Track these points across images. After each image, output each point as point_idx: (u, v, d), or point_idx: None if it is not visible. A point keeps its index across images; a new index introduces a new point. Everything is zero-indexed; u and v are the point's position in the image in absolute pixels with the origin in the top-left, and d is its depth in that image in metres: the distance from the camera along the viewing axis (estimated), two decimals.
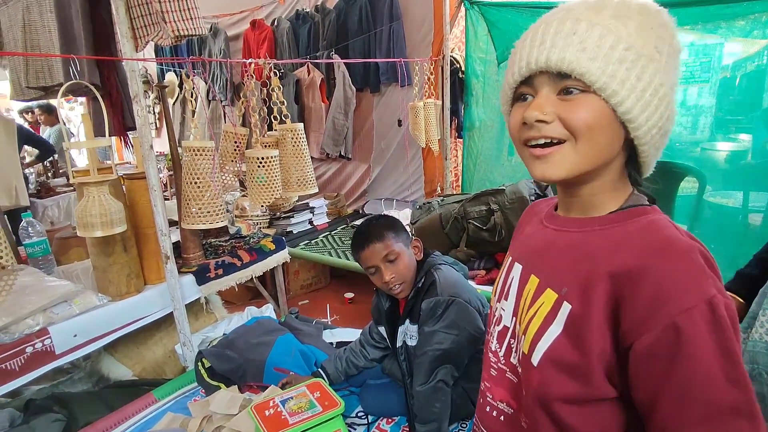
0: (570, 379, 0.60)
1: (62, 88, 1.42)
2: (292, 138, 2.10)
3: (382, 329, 1.59)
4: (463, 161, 3.72)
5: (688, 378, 0.54)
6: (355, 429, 1.53)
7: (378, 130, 4.07)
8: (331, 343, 1.98)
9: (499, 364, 0.73)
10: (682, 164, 2.50)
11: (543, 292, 0.65)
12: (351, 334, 2.04)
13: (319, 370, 1.63)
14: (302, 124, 2.09)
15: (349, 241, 3.38)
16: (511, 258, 0.77)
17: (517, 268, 0.73)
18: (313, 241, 3.43)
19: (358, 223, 3.69)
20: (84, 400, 1.77)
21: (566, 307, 0.61)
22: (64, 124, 1.43)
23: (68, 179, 4.21)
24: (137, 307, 1.81)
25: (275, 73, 2.07)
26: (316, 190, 2.16)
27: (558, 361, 0.61)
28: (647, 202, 0.66)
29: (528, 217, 0.82)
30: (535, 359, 0.63)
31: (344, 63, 3.80)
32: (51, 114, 4.60)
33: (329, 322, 2.29)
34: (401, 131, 3.86)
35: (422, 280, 1.39)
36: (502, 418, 0.72)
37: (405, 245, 1.40)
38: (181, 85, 5.28)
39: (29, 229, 1.88)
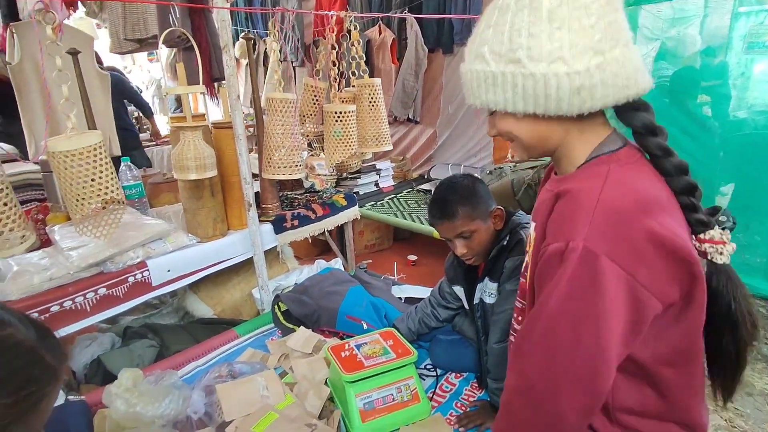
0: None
1: (162, 35, 1.49)
2: (369, 94, 2.10)
3: (457, 288, 1.58)
4: None
5: (537, 287, 0.75)
6: (424, 380, 1.56)
7: (446, 94, 3.96)
8: (400, 298, 2.01)
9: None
10: None
11: (532, 240, 0.83)
12: (419, 291, 2.06)
13: (391, 328, 1.66)
14: (380, 79, 2.07)
15: (414, 204, 3.41)
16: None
17: (532, 224, 0.87)
18: (378, 203, 3.46)
19: (424, 188, 3.71)
20: (174, 331, 1.94)
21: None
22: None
23: (150, 134, 4.47)
24: (222, 250, 1.93)
25: (355, 27, 2.06)
26: (391, 147, 2.15)
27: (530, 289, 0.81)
28: (614, 148, 0.76)
29: (546, 179, 0.96)
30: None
31: (417, 21, 3.70)
32: None
33: (396, 279, 2.32)
34: None
35: (507, 238, 1.35)
36: None
37: (483, 218, 1.32)
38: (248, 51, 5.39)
39: (127, 172, 2.03)
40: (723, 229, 0.76)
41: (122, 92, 3.73)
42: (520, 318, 0.96)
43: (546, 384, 0.72)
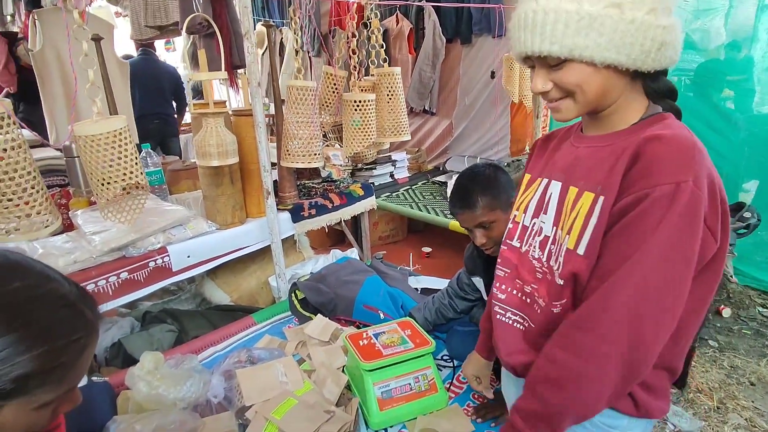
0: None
1: (186, 21, 1.49)
2: (389, 83, 2.08)
3: (476, 280, 1.56)
4: (550, 120, 3.52)
5: (630, 235, 0.70)
6: (441, 370, 1.56)
7: (463, 85, 3.93)
8: (417, 289, 2.01)
9: (543, 267, 0.85)
10: None
11: (581, 197, 0.79)
12: (436, 282, 2.06)
13: (408, 318, 1.66)
14: (399, 68, 2.06)
15: (430, 196, 3.40)
16: (545, 179, 0.88)
17: (555, 185, 0.85)
18: (394, 194, 3.46)
19: (440, 180, 3.69)
20: (192, 317, 1.96)
21: (601, 200, 0.75)
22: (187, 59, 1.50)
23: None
24: (240, 237, 1.94)
25: (376, 15, 2.04)
26: (409, 138, 2.14)
27: (597, 245, 0.75)
28: (661, 110, 0.78)
29: (547, 144, 0.94)
30: (581, 250, 0.77)
31: (435, 10, 3.66)
32: None
33: (412, 270, 2.32)
34: (488, 88, 3.70)
35: None
36: (539, 310, 0.87)
37: (504, 209, 1.30)
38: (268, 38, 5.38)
39: (147, 159, 2.05)
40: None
41: (175, 86, 3.94)
42: (503, 287, 0.96)
43: (632, 319, 0.70)
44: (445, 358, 1.64)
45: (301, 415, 1.24)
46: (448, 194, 1.48)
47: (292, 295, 1.92)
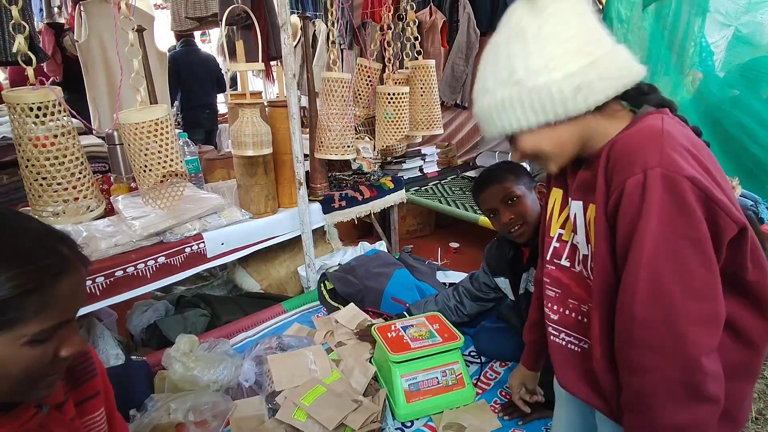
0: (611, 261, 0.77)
1: (226, 12, 1.51)
2: (423, 76, 2.07)
3: (500, 280, 1.55)
4: None
5: (622, 236, 0.71)
6: (468, 366, 1.55)
7: None
8: (444, 284, 2.00)
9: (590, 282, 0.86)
10: None
11: (594, 212, 0.80)
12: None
13: (436, 312, 1.64)
14: (434, 61, 2.04)
15: (459, 191, 3.37)
16: (569, 198, 0.88)
17: (576, 204, 0.85)
18: (423, 188, 3.44)
19: (469, 175, 3.65)
20: (224, 303, 2.01)
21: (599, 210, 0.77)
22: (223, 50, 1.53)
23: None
24: (272, 226, 1.97)
25: (411, 6, 2.02)
26: (441, 131, 2.12)
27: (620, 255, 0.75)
28: (652, 111, 0.78)
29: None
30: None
31: (470, 2, 3.61)
32: None
33: (440, 265, 2.31)
34: None
35: None
36: (585, 320, 0.89)
37: (527, 188, 1.34)
38: (303, 30, 5.42)
39: (184, 148, 2.10)
40: None
41: (217, 75, 4.04)
42: (555, 307, 0.93)
43: (673, 333, 0.67)
44: (472, 354, 1.63)
45: (330, 403, 1.26)
46: None
47: (321, 285, 1.94)
